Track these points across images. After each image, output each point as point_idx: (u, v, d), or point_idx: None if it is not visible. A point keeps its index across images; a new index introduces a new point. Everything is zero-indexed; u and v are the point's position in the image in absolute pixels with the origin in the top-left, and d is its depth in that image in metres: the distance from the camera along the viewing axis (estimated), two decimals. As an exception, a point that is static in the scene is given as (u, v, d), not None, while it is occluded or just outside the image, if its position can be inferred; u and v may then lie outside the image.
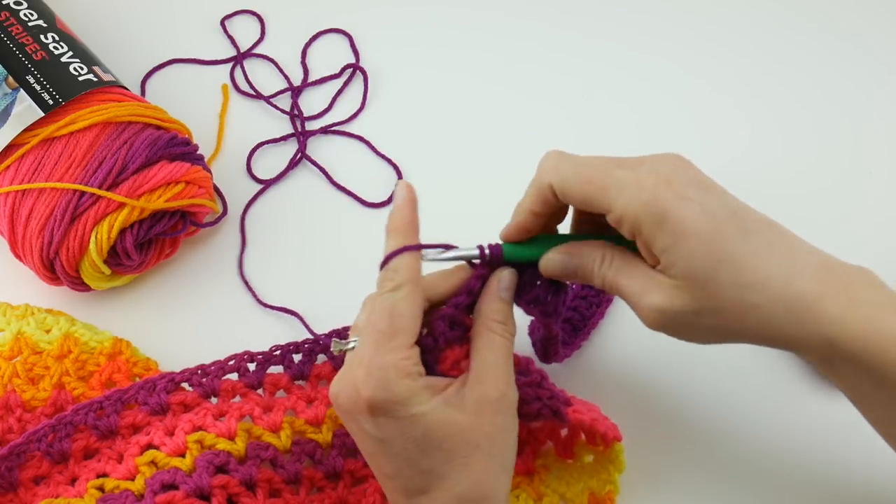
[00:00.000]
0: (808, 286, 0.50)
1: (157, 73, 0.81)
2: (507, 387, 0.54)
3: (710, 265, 0.50)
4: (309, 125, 0.79)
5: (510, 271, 0.56)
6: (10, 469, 0.60)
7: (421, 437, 0.52)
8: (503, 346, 0.54)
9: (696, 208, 0.51)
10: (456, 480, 0.52)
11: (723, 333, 0.53)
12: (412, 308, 0.53)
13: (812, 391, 0.68)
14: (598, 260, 0.55)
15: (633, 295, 0.53)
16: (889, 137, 0.79)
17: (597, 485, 0.62)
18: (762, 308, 0.50)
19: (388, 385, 0.51)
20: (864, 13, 0.85)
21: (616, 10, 0.85)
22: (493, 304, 0.55)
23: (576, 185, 0.53)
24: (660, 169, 0.52)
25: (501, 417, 0.53)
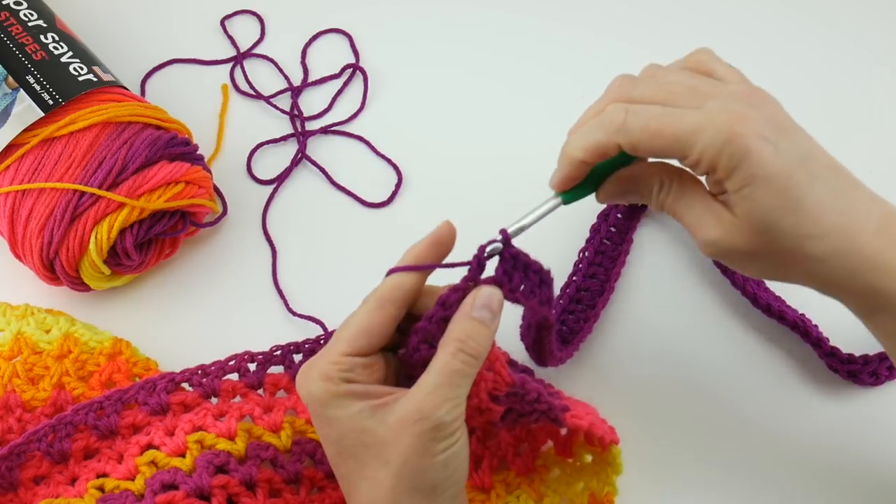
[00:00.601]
0: (868, 239, 0.51)
1: (157, 73, 0.81)
2: (433, 409, 0.50)
3: (775, 212, 0.51)
4: (309, 125, 0.79)
5: (491, 289, 0.53)
6: (10, 469, 0.60)
7: (335, 440, 0.52)
8: (448, 366, 0.51)
9: (771, 150, 0.51)
10: (365, 492, 0.52)
11: (774, 274, 0.54)
12: (360, 323, 0.53)
13: (811, 392, 0.68)
14: (656, 186, 0.55)
15: (691, 224, 0.54)
16: (889, 136, 0.79)
17: (597, 485, 0.62)
18: (818, 259, 0.51)
19: (307, 384, 0.52)
20: (863, 11, 0.85)
21: (616, 7, 0.85)
22: (459, 321, 0.52)
23: (647, 142, 0.52)
24: (733, 105, 0.51)
25: (418, 440, 0.50)
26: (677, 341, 0.68)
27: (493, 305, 0.53)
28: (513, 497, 0.62)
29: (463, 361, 0.51)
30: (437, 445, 0.51)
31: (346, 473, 0.53)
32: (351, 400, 0.51)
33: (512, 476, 0.63)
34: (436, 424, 0.50)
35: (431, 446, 0.50)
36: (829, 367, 0.67)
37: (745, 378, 0.68)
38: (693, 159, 0.52)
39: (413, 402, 0.51)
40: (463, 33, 0.84)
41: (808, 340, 0.68)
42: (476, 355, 0.52)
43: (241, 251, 0.73)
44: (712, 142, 0.50)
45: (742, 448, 0.66)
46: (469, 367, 0.52)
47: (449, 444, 0.51)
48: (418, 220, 0.58)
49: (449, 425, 0.51)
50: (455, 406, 0.51)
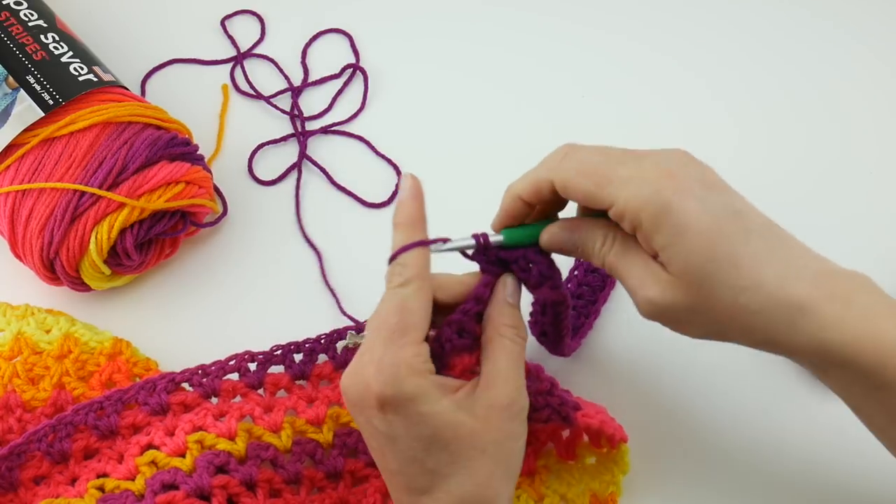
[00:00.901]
0: (804, 292, 0.50)
1: (157, 73, 0.81)
2: (516, 393, 0.53)
3: (707, 265, 0.50)
4: (309, 125, 0.79)
5: (513, 278, 0.56)
6: (11, 469, 0.60)
7: (429, 436, 0.51)
8: (514, 350, 0.54)
9: (698, 206, 0.50)
10: (459, 482, 0.52)
11: (715, 332, 0.53)
12: (422, 304, 0.53)
13: (815, 392, 0.67)
14: (599, 241, 0.55)
15: (630, 284, 0.54)
16: (888, 136, 0.79)
17: (599, 486, 0.62)
18: (756, 312, 0.50)
19: (398, 382, 0.51)
20: (861, 10, 0.85)
21: (620, 4, 0.85)
22: (503, 308, 0.55)
23: (576, 182, 0.53)
24: (663, 164, 0.52)
25: (510, 424, 0.53)
26: (677, 338, 0.68)
27: (519, 291, 0.56)
28: (513, 497, 0.62)
29: (520, 344, 0.54)
30: (522, 427, 0.54)
31: (433, 468, 0.52)
32: (440, 393, 0.52)
33: (512, 476, 0.63)
34: (522, 406, 0.54)
35: (521, 428, 0.54)
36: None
37: (745, 376, 0.68)
38: (618, 210, 0.52)
39: (498, 388, 0.53)
40: (463, 32, 0.84)
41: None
42: (525, 337, 0.55)
43: (240, 251, 0.73)
44: (637, 194, 0.51)
45: (742, 447, 0.65)
46: (524, 349, 0.55)
47: (526, 426, 0.54)
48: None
49: (527, 406, 0.54)
50: (523, 384, 0.54)
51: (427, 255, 0.54)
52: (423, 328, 0.53)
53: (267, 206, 0.75)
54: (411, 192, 0.55)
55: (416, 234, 0.54)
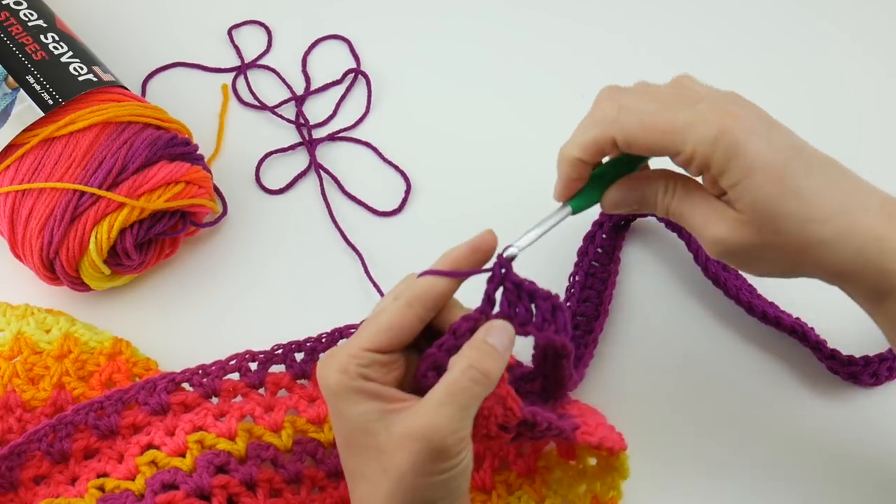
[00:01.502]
0: (872, 222, 0.51)
1: (158, 73, 0.81)
2: (435, 431, 0.49)
3: (777, 199, 0.51)
4: (314, 132, 0.78)
5: (504, 322, 0.52)
6: (11, 469, 0.60)
7: (343, 434, 0.52)
8: (457, 384, 0.50)
9: (764, 142, 0.51)
10: (363, 493, 0.52)
11: (783, 267, 0.54)
12: (389, 319, 0.52)
13: (812, 395, 0.68)
14: (660, 190, 0.56)
15: (697, 225, 0.54)
16: (888, 136, 0.79)
17: (600, 489, 0.62)
18: (826, 242, 0.51)
19: (325, 372, 0.52)
20: (863, 9, 0.85)
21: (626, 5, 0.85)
22: (471, 345, 0.51)
23: (642, 135, 0.53)
24: (722, 105, 0.53)
25: (416, 458, 0.49)
26: (676, 355, 0.68)
27: (505, 338, 0.52)
28: (514, 498, 0.62)
29: (472, 379, 0.50)
30: (437, 466, 0.50)
31: (350, 468, 0.53)
32: (362, 397, 0.51)
33: (513, 477, 0.63)
34: (436, 447, 0.49)
35: (431, 467, 0.49)
36: (830, 370, 0.67)
37: (745, 385, 0.68)
38: (686, 155, 0.52)
39: (418, 418, 0.49)
40: (462, 32, 0.84)
41: (806, 344, 0.68)
42: (486, 374, 0.50)
43: (240, 251, 0.73)
44: (705, 137, 0.51)
45: (745, 451, 0.65)
46: (478, 386, 0.50)
47: (451, 465, 0.50)
48: (428, 229, 0.58)
49: (451, 448, 0.49)
50: (459, 428, 0.50)
51: (435, 287, 0.52)
52: (374, 340, 0.51)
53: (267, 205, 0.75)
54: (471, 240, 0.54)
55: (446, 268, 0.53)
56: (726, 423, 0.66)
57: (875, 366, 0.66)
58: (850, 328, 0.67)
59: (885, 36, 0.84)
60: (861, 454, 0.65)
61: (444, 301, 0.53)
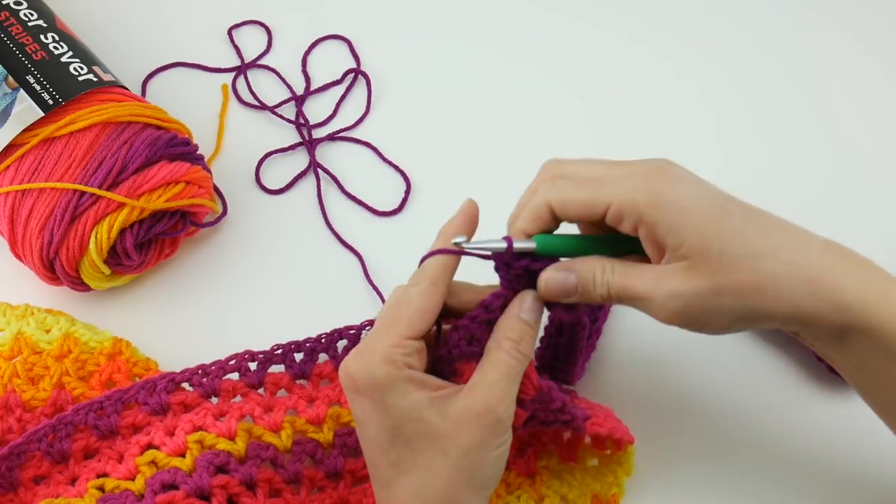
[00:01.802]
0: (819, 257, 0.51)
1: (158, 74, 0.81)
2: (497, 404, 0.52)
3: (718, 237, 0.50)
4: (314, 132, 0.78)
5: (534, 295, 0.55)
6: (11, 469, 0.60)
7: (391, 427, 0.52)
8: (507, 363, 0.53)
9: (693, 188, 0.52)
10: (416, 481, 0.53)
11: (741, 313, 0.52)
12: (421, 303, 0.54)
13: (812, 394, 0.68)
14: (597, 270, 0.54)
15: (647, 290, 0.52)
16: (887, 136, 0.79)
17: (601, 487, 0.62)
18: (779, 276, 0.50)
19: (369, 367, 0.52)
20: (856, 9, 0.85)
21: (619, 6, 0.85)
22: (510, 321, 0.54)
23: (573, 194, 0.53)
24: (650, 163, 0.53)
25: (480, 432, 0.52)
26: (678, 349, 0.68)
27: (538, 310, 0.55)
28: (513, 497, 0.62)
29: (517, 359, 0.53)
30: (497, 439, 0.53)
31: (394, 461, 0.53)
32: (411, 387, 0.52)
33: (513, 476, 0.63)
34: (498, 418, 0.52)
35: (492, 440, 0.52)
36: (829, 369, 0.67)
37: (745, 382, 0.68)
38: (615, 208, 0.52)
39: (476, 395, 0.52)
40: (464, 30, 0.84)
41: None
42: (528, 354, 0.54)
43: (240, 251, 0.73)
44: (633, 187, 0.52)
45: (743, 450, 0.65)
46: (522, 364, 0.54)
47: (505, 439, 0.53)
48: (428, 228, 0.59)
49: (506, 421, 0.53)
50: (512, 402, 0.53)
51: (447, 264, 0.55)
52: (413, 326, 0.53)
53: (267, 205, 0.75)
54: (462, 208, 0.57)
55: (448, 245, 0.55)
56: (724, 420, 0.66)
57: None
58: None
59: (885, 36, 0.84)
60: (858, 454, 0.65)
61: (453, 274, 0.56)
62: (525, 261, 0.55)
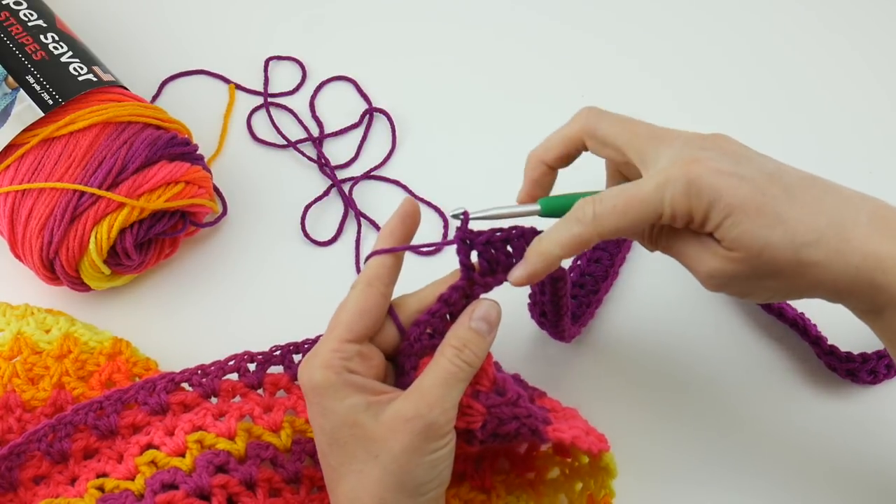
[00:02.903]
0: (864, 238, 0.51)
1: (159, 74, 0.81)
2: (429, 409, 0.52)
3: (761, 231, 0.51)
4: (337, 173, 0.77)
5: (491, 304, 0.55)
6: (10, 469, 0.60)
7: (329, 431, 0.53)
8: (445, 370, 0.53)
9: (734, 179, 0.51)
10: (351, 485, 0.53)
11: (783, 292, 0.53)
12: (356, 305, 0.54)
13: (809, 390, 0.68)
14: (647, 229, 0.56)
15: (690, 262, 0.54)
16: (888, 136, 0.79)
17: (594, 487, 0.62)
18: (820, 264, 0.51)
19: (310, 371, 0.53)
20: (863, 9, 0.85)
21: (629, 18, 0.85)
22: (456, 329, 0.54)
23: (621, 218, 0.53)
24: (683, 155, 0.52)
25: (411, 438, 0.51)
26: (676, 334, 0.68)
27: (491, 318, 0.55)
28: (513, 497, 0.62)
29: (458, 366, 0.53)
30: (428, 445, 0.52)
31: (334, 465, 0.53)
32: (349, 391, 0.52)
33: (512, 476, 0.63)
34: (429, 423, 0.52)
35: (423, 445, 0.52)
36: (828, 366, 0.67)
37: (743, 374, 0.68)
38: (668, 216, 0.52)
39: (409, 400, 0.52)
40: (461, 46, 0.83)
41: (806, 339, 0.68)
42: (471, 362, 0.54)
43: (240, 251, 0.73)
44: (675, 194, 0.51)
45: (739, 445, 0.66)
46: (463, 371, 0.53)
47: (439, 445, 0.52)
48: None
49: (441, 427, 0.52)
50: (449, 408, 0.53)
51: (386, 264, 0.55)
52: (352, 329, 0.53)
53: (267, 206, 0.75)
54: (398, 210, 0.57)
55: (386, 245, 0.56)
56: (721, 414, 0.67)
57: (873, 363, 0.66)
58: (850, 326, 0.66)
59: (887, 36, 0.83)
60: (856, 453, 0.65)
61: (397, 274, 0.56)
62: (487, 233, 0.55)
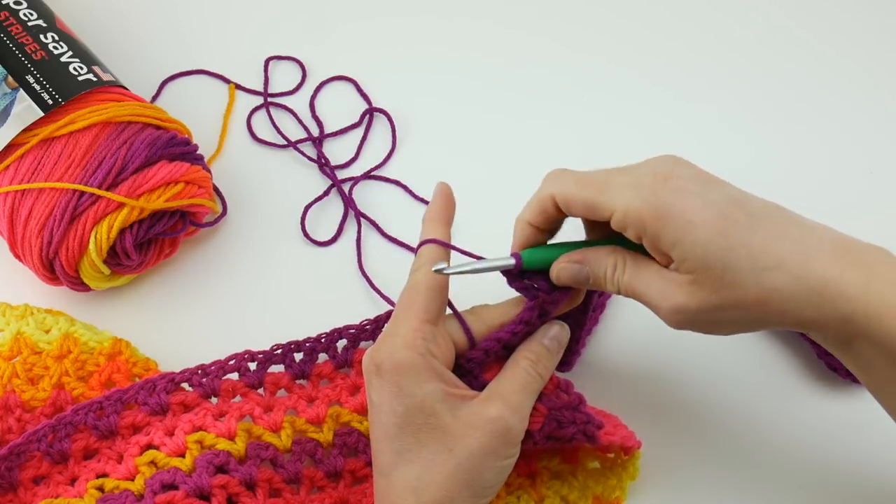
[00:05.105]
0: (826, 266, 0.50)
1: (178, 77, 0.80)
2: (511, 413, 0.53)
3: (723, 252, 0.50)
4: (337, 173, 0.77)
5: (563, 326, 0.58)
6: (10, 469, 0.60)
7: (402, 413, 0.53)
8: (524, 378, 0.55)
9: (698, 200, 0.51)
10: (417, 473, 0.53)
11: (746, 323, 0.52)
12: (427, 283, 0.55)
13: (810, 391, 0.68)
14: (609, 267, 0.55)
15: (653, 299, 0.53)
16: (888, 137, 0.79)
17: (603, 490, 0.62)
18: (783, 290, 0.50)
19: (392, 350, 0.53)
20: (862, 14, 0.85)
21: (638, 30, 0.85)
22: (530, 344, 0.57)
23: (577, 191, 0.54)
24: (656, 168, 0.52)
25: (488, 437, 0.53)
26: (675, 335, 0.68)
27: (562, 339, 0.58)
28: (513, 497, 0.62)
29: (533, 377, 0.55)
30: (504, 449, 0.54)
31: (398, 448, 0.53)
32: (429, 375, 0.53)
33: (513, 476, 0.62)
34: (509, 427, 0.53)
35: (500, 449, 0.53)
36: (828, 366, 0.67)
37: (743, 374, 0.68)
38: (619, 217, 0.52)
39: (492, 402, 0.53)
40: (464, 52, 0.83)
41: (806, 339, 0.68)
42: (543, 375, 0.56)
43: (240, 251, 0.73)
44: (634, 198, 0.51)
45: (739, 444, 0.65)
46: (537, 382, 0.56)
47: (513, 451, 0.54)
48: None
49: (518, 433, 0.54)
50: (526, 416, 0.55)
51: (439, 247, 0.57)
52: (427, 308, 0.55)
53: (267, 206, 0.75)
54: (439, 192, 0.59)
55: (437, 228, 0.58)
56: (721, 414, 0.66)
57: (874, 364, 0.66)
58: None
59: (881, 41, 0.83)
60: (856, 453, 0.65)
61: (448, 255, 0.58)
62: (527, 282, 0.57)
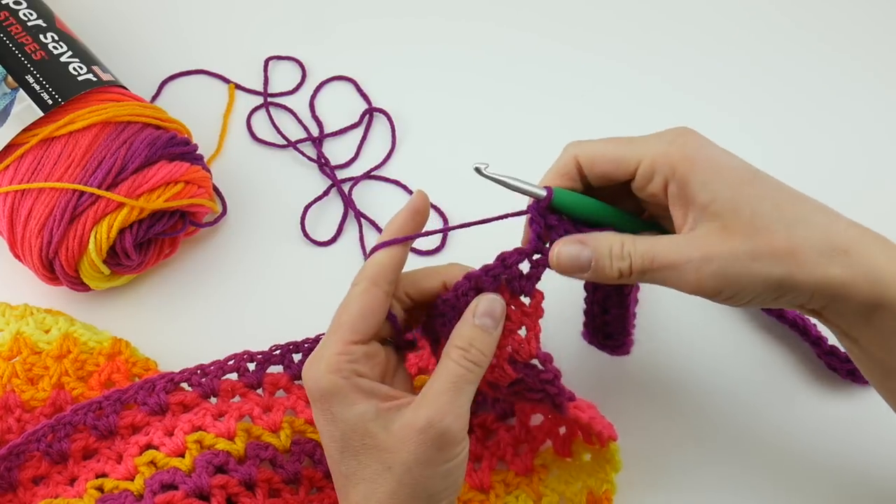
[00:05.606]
0: (848, 229, 0.50)
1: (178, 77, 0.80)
2: (440, 418, 0.50)
3: (752, 199, 0.50)
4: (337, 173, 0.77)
5: (494, 298, 0.53)
6: (10, 469, 0.60)
7: (339, 438, 0.51)
8: (454, 373, 0.51)
9: (724, 154, 0.52)
10: (363, 494, 0.51)
11: (773, 283, 0.50)
12: (361, 305, 0.52)
13: (810, 391, 0.68)
14: (616, 243, 0.52)
15: (680, 255, 0.51)
16: (889, 136, 0.78)
17: (595, 483, 0.62)
18: (812, 242, 0.49)
19: (315, 376, 0.51)
20: (862, 12, 0.85)
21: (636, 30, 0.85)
22: (460, 327, 0.53)
23: (602, 146, 0.53)
24: (677, 130, 0.53)
25: (423, 449, 0.50)
26: (675, 335, 0.68)
27: (495, 313, 0.53)
28: (511, 497, 0.62)
29: (466, 367, 0.51)
30: (442, 455, 0.51)
31: (345, 472, 0.52)
32: (358, 397, 0.51)
33: (511, 476, 0.63)
34: (442, 432, 0.50)
35: (437, 455, 0.50)
36: (828, 366, 0.67)
37: (743, 374, 0.68)
38: (646, 165, 0.52)
39: (419, 409, 0.50)
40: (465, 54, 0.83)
41: (806, 339, 0.68)
42: (478, 361, 0.52)
43: (240, 251, 0.73)
44: (665, 145, 0.52)
45: (739, 444, 0.66)
46: (472, 373, 0.52)
47: (454, 453, 0.51)
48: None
49: (455, 434, 0.51)
50: (462, 413, 0.51)
51: (393, 258, 0.53)
52: (357, 329, 0.52)
53: (267, 206, 0.75)
54: (407, 204, 0.55)
55: (392, 235, 0.54)
56: (722, 413, 0.67)
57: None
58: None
59: (881, 40, 0.83)
60: (856, 453, 0.65)
61: (400, 269, 0.54)
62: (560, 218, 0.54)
